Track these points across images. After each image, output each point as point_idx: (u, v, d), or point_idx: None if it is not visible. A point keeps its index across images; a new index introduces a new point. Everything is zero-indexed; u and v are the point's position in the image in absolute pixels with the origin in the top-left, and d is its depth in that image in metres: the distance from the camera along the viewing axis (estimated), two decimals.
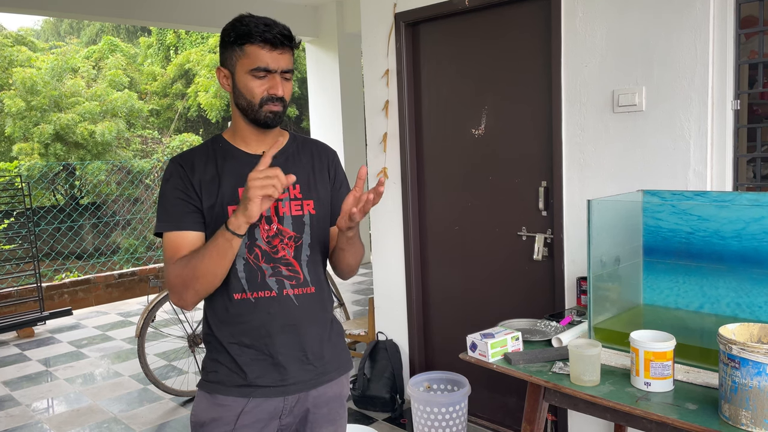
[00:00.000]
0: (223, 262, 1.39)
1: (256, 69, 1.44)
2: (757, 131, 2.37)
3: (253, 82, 1.45)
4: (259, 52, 1.43)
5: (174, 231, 1.47)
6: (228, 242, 1.36)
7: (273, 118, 1.48)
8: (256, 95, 1.46)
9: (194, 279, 1.40)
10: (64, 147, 10.48)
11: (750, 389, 1.39)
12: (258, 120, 1.49)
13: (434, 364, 3.54)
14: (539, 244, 2.90)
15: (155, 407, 3.87)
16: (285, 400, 1.53)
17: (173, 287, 1.44)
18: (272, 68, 1.44)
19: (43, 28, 19.55)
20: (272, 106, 1.47)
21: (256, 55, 1.43)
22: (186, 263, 1.41)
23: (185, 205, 1.48)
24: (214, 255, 1.37)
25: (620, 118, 2.54)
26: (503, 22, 2.98)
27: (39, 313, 5.77)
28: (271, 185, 1.29)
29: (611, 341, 1.96)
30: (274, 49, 1.43)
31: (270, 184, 1.29)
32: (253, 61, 1.44)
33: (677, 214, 2.02)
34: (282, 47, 1.44)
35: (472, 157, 3.19)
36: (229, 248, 1.37)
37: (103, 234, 9.58)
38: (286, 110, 1.53)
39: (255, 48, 1.43)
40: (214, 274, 1.40)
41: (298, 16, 7.29)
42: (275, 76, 1.45)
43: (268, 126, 1.50)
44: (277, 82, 1.45)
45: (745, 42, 2.61)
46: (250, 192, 1.29)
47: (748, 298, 1.85)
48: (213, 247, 1.37)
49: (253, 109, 1.47)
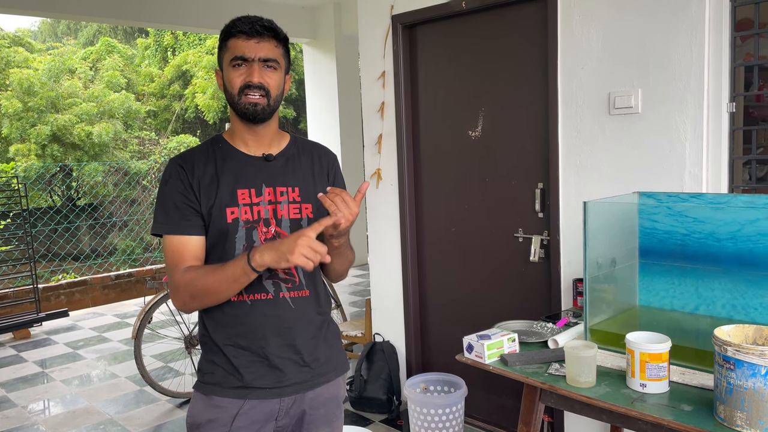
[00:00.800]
0: (237, 288, 1.43)
1: (234, 59, 1.47)
2: (752, 133, 2.38)
3: (233, 73, 1.47)
4: (236, 42, 1.47)
5: (175, 235, 1.47)
6: (246, 275, 1.39)
7: (253, 109, 1.47)
8: (235, 85, 1.47)
9: (204, 294, 1.43)
10: (61, 148, 10.46)
11: (745, 391, 1.40)
12: (240, 111, 1.49)
13: (431, 365, 3.55)
14: (536, 245, 2.91)
15: (152, 409, 3.86)
16: (281, 401, 1.53)
17: (179, 294, 1.45)
18: (248, 56, 1.46)
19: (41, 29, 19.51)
20: (250, 95, 1.46)
21: (234, 45, 1.47)
22: (198, 278, 1.43)
23: (185, 208, 1.48)
24: (231, 281, 1.40)
25: (616, 120, 2.55)
26: (500, 25, 2.99)
27: (35, 314, 5.76)
28: (312, 261, 1.32)
29: (607, 343, 1.96)
30: (250, 38, 1.46)
31: (313, 259, 1.32)
32: (232, 51, 1.47)
33: (673, 216, 2.02)
34: (259, 36, 1.46)
35: (469, 158, 3.19)
36: (246, 280, 1.40)
37: (100, 235, 9.56)
38: (274, 104, 1.51)
39: (234, 40, 1.47)
40: (225, 294, 1.44)
41: (296, 18, 7.30)
42: (253, 65, 1.46)
43: (249, 118, 1.49)
44: (254, 69, 1.46)
45: (741, 45, 2.62)
46: (293, 256, 1.31)
47: (743, 299, 1.85)
48: (230, 274, 1.40)
49: (234, 100, 1.49)
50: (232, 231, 1.49)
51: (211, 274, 1.42)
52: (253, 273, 1.38)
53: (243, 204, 1.50)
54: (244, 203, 1.50)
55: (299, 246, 1.30)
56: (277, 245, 1.34)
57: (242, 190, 1.50)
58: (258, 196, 1.51)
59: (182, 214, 1.47)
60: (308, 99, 7.93)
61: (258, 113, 1.48)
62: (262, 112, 1.49)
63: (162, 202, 1.50)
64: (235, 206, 1.49)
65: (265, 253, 1.35)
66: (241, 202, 1.50)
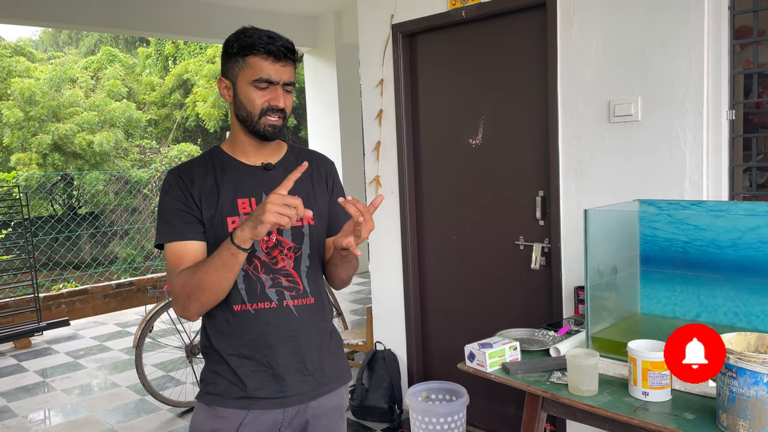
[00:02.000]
0: (229, 275, 1.39)
1: (259, 80, 1.45)
2: (752, 140, 2.39)
3: (255, 93, 1.46)
4: (262, 63, 1.44)
5: (176, 241, 1.47)
6: (233, 256, 1.36)
7: (272, 131, 1.49)
8: (256, 106, 1.47)
9: (200, 290, 1.40)
10: (62, 157, 10.49)
11: (747, 399, 1.40)
12: (257, 131, 1.49)
13: (433, 373, 3.54)
14: (537, 253, 2.91)
15: (152, 418, 3.85)
16: (285, 411, 1.52)
17: (177, 298, 1.44)
18: (274, 80, 1.46)
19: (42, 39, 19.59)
20: (271, 117, 1.47)
21: (259, 66, 1.45)
22: (191, 274, 1.41)
23: (186, 216, 1.48)
24: (219, 267, 1.37)
25: (616, 127, 2.56)
26: (500, 33, 3.00)
27: (36, 323, 5.75)
28: (287, 216, 1.28)
29: (609, 351, 1.96)
30: (277, 61, 1.45)
31: (287, 213, 1.28)
32: (256, 72, 1.45)
33: (674, 223, 2.03)
34: (285, 60, 1.46)
35: (470, 166, 3.20)
36: (234, 262, 1.37)
37: (101, 244, 9.56)
38: (286, 123, 1.54)
39: (258, 59, 1.44)
40: (219, 286, 1.40)
41: (297, 27, 7.33)
42: (277, 88, 1.47)
43: (266, 138, 1.51)
44: (279, 93, 1.46)
45: (740, 52, 2.63)
46: (265, 215, 1.28)
47: (744, 307, 1.85)
48: (218, 260, 1.37)
49: (252, 120, 1.48)
50: None
51: (201, 266, 1.40)
52: (240, 251, 1.34)
53: (244, 213, 1.50)
54: (245, 212, 1.50)
55: (269, 204, 1.27)
56: (252, 214, 1.32)
57: (242, 199, 1.51)
58: (258, 205, 1.52)
59: (183, 221, 1.47)
60: (309, 107, 7.96)
61: (276, 135, 1.51)
62: (279, 134, 1.51)
63: (162, 213, 1.50)
64: (235, 215, 1.49)
65: (244, 226, 1.32)
66: (241, 211, 1.50)
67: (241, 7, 6.62)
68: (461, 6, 3.04)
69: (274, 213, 1.27)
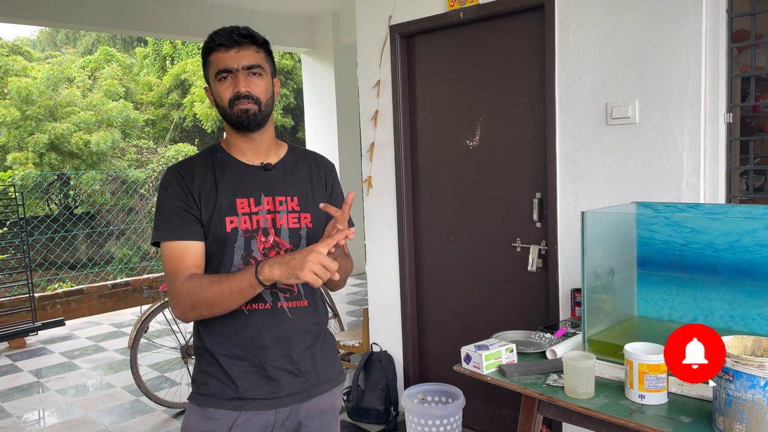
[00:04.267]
0: (240, 301, 1.40)
1: (218, 72, 1.47)
2: (749, 144, 2.39)
3: (220, 86, 1.47)
4: (218, 56, 1.47)
5: (175, 240, 1.46)
6: (252, 288, 1.37)
7: (245, 117, 1.47)
8: (224, 98, 1.47)
9: (206, 305, 1.41)
10: (59, 156, 10.45)
11: (744, 402, 1.39)
12: (233, 122, 1.49)
13: (429, 375, 3.53)
14: (533, 255, 2.90)
15: (147, 419, 3.83)
16: (277, 412, 1.52)
17: (180, 303, 1.43)
18: (231, 67, 1.46)
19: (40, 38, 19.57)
20: (240, 104, 1.46)
21: (217, 59, 1.47)
22: (200, 288, 1.40)
23: (185, 214, 1.47)
24: (235, 293, 1.38)
25: (614, 130, 2.55)
26: (498, 35, 3.00)
27: (31, 323, 5.73)
28: (321, 279, 1.28)
29: (605, 353, 1.95)
30: (229, 49, 1.46)
31: (323, 276, 1.28)
32: (216, 65, 1.47)
33: (671, 226, 2.02)
34: (238, 45, 1.46)
35: (467, 168, 3.19)
36: (250, 294, 1.38)
37: (97, 244, 9.53)
38: (265, 109, 1.50)
39: (215, 54, 1.47)
40: (227, 306, 1.41)
41: (294, 28, 7.32)
42: (237, 75, 1.46)
43: (243, 127, 1.49)
44: (239, 79, 1.46)
45: (738, 55, 2.63)
46: (303, 272, 1.27)
47: (741, 310, 1.85)
48: (235, 286, 1.37)
49: (226, 112, 1.49)
50: (231, 240, 1.48)
51: (215, 284, 1.39)
52: (260, 287, 1.36)
53: (242, 213, 1.49)
54: (243, 212, 1.49)
55: (309, 263, 1.27)
56: (288, 260, 1.31)
57: (241, 199, 1.50)
58: (257, 205, 1.51)
59: (182, 219, 1.46)
60: (306, 108, 7.95)
61: (251, 119, 1.48)
62: (254, 118, 1.48)
63: (161, 210, 1.49)
64: (234, 215, 1.48)
65: (275, 267, 1.32)
66: (240, 211, 1.49)
67: (239, 7, 6.61)
68: (459, 7, 3.03)
69: (311, 273, 1.27)
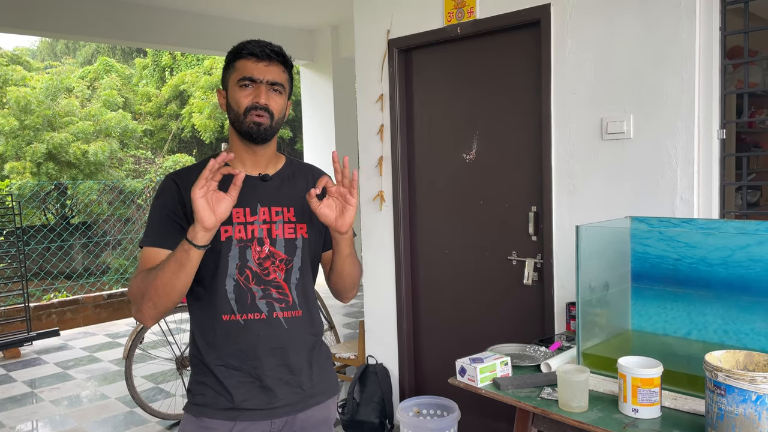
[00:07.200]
0: (181, 274, 1.38)
1: (242, 79, 1.49)
2: (743, 159, 2.41)
3: (240, 93, 1.49)
4: (246, 63, 1.49)
5: (153, 247, 1.48)
6: (186, 253, 1.36)
7: (257, 129, 1.49)
8: (241, 105, 1.49)
9: (153, 290, 1.39)
10: (57, 166, 10.46)
11: (736, 416, 1.40)
12: (243, 131, 1.50)
13: (424, 388, 3.52)
14: (529, 268, 2.92)
15: (141, 430, 3.81)
16: (272, 423, 1.52)
17: (133, 298, 1.45)
18: (257, 77, 1.48)
19: (39, 48, 19.62)
20: (256, 115, 1.48)
21: (243, 66, 1.49)
22: (146, 274, 1.42)
23: (170, 224, 1.49)
24: (173, 265, 1.37)
25: (609, 145, 2.58)
26: (495, 50, 3.03)
27: (26, 333, 5.70)
28: (203, 179, 1.32)
29: (600, 367, 1.96)
30: (260, 61, 1.49)
31: (201, 178, 1.32)
32: (241, 72, 1.49)
33: (664, 240, 2.04)
34: (268, 60, 1.49)
35: (464, 181, 3.21)
36: (186, 259, 1.36)
37: (93, 254, 9.51)
38: (275, 126, 1.53)
39: (243, 61, 1.50)
40: (172, 285, 1.39)
41: (294, 40, 7.37)
42: (260, 87, 1.49)
43: (253, 138, 1.51)
44: (262, 91, 1.48)
45: (732, 72, 2.66)
46: (192, 193, 1.32)
47: (734, 324, 1.86)
48: (172, 258, 1.38)
49: (239, 119, 1.50)
50: (225, 249, 1.49)
51: (157, 267, 1.41)
52: (192, 248, 1.35)
53: (237, 222, 1.50)
54: (239, 222, 1.51)
55: (195, 185, 1.33)
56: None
57: (237, 208, 1.51)
58: (253, 215, 1.52)
59: (164, 228, 1.49)
60: (305, 120, 7.98)
61: (261, 133, 1.50)
62: (264, 133, 1.50)
63: (149, 216, 1.53)
64: (229, 225, 1.50)
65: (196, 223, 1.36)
66: (235, 221, 1.50)
67: (239, 19, 6.66)
68: (457, 22, 3.07)
69: (197, 189, 1.32)
